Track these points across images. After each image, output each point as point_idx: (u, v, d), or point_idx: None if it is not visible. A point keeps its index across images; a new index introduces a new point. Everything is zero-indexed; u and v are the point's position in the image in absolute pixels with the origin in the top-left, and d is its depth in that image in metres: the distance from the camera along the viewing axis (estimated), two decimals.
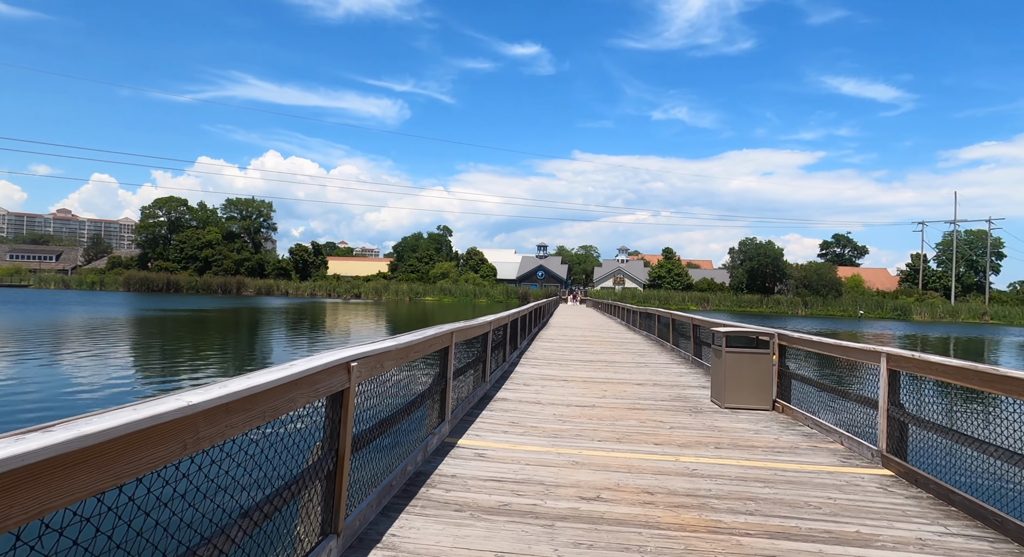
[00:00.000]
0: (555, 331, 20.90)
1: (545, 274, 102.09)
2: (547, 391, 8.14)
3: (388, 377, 3.80)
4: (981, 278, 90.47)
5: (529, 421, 6.18)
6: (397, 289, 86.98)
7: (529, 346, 14.69)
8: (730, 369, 7.29)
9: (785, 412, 6.97)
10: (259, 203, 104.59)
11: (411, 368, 4.52)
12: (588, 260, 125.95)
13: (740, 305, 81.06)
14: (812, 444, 5.57)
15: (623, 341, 17.39)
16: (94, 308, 40.62)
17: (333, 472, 2.81)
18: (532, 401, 7.36)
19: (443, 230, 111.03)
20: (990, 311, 74.46)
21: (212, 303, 56.31)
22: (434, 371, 5.33)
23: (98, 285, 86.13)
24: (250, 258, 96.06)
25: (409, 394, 4.49)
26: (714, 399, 7.66)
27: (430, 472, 4.29)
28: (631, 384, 9.06)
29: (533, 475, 4.33)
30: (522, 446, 5.15)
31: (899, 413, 4.70)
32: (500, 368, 9.62)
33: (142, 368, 15.07)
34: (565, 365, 11.15)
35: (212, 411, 1.73)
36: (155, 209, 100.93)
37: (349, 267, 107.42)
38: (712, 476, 4.45)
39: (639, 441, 5.50)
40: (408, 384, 4.48)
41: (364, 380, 3.18)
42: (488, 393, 7.72)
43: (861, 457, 5.10)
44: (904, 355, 4.57)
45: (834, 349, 5.96)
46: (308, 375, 2.41)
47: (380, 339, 3.71)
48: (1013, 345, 36.75)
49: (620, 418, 6.53)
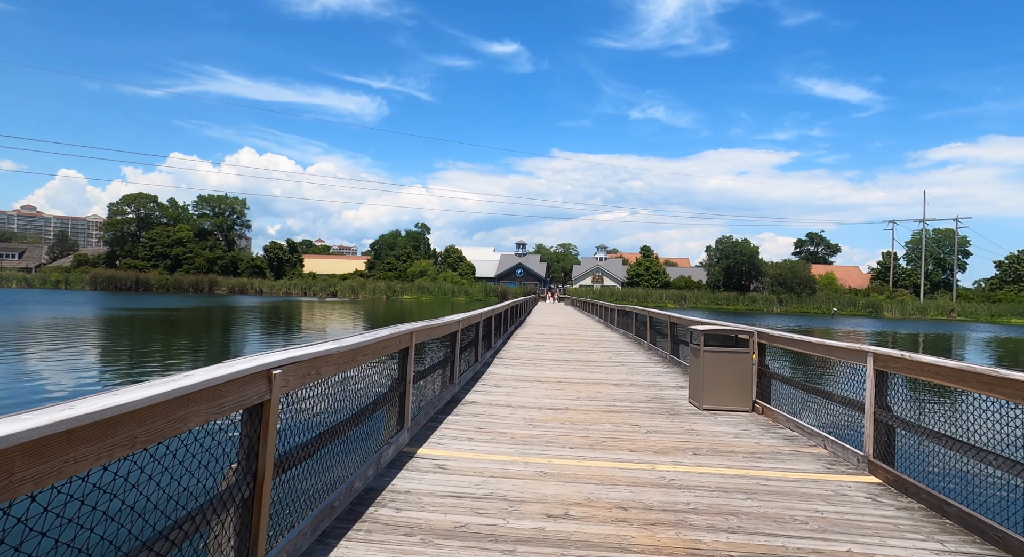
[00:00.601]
0: (532, 329, 20.55)
1: (524, 272, 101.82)
2: (519, 393, 7.76)
3: (330, 384, 3.37)
4: (948, 276, 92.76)
5: (497, 426, 5.79)
6: (374, 287, 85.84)
7: (504, 345, 14.30)
8: (709, 369, 7.00)
9: (765, 414, 6.70)
10: (232, 200, 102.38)
11: (363, 372, 4.09)
12: (567, 258, 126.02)
13: (717, 303, 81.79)
14: (794, 448, 5.28)
15: (600, 339, 17.12)
16: (53, 307, 39.09)
17: (250, 499, 2.38)
18: (503, 404, 6.97)
19: (421, 228, 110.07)
20: (957, 308, 76.29)
21: (181, 302, 54.80)
22: (392, 375, 4.91)
23: (63, 284, 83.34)
24: (223, 256, 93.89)
25: (361, 401, 4.07)
26: (692, 400, 7.37)
27: (382, 488, 3.87)
28: (607, 385, 8.73)
29: (496, 489, 3.94)
30: (487, 455, 4.76)
31: (886, 416, 4.42)
32: (471, 369, 9.22)
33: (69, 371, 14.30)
34: (540, 365, 10.79)
35: (38, 445, 1.30)
36: (123, 206, 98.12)
37: (325, 265, 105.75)
38: (691, 487, 4.11)
39: (613, 448, 5.15)
40: (360, 390, 4.05)
41: (294, 389, 2.75)
42: (456, 395, 7.31)
43: (846, 463, 4.82)
44: (893, 355, 4.29)
45: (817, 348, 5.68)
46: (207, 388, 1.98)
47: (319, 341, 3.28)
48: (979, 341, 37.56)
49: (594, 422, 6.18)
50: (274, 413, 2.46)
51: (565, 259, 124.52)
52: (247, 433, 2.39)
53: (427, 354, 6.66)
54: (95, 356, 16.95)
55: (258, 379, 2.34)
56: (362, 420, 3.93)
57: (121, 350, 18.68)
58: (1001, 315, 72.85)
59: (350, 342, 3.44)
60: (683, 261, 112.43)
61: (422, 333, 5.46)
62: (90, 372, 13.89)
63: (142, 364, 15.39)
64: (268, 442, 2.43)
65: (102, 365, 15.30)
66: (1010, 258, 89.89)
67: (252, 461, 2.40)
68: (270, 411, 2.43)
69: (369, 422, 4.27)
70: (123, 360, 16.32)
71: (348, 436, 3.81)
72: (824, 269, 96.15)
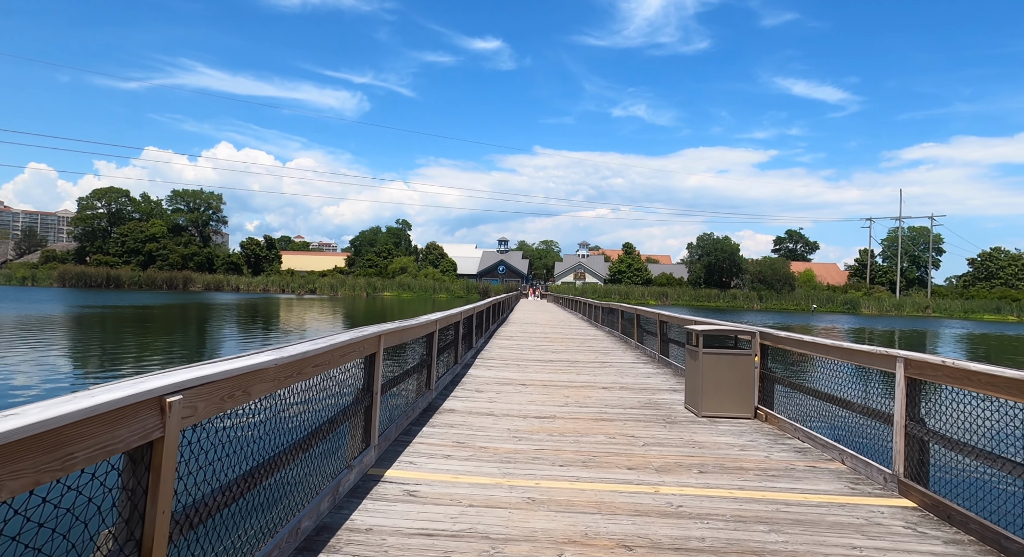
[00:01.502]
0: (515, 327, 19.95)
1: (506, 269, 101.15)
2: (502, 398, 7.15)
3: (269, 404, 2.71)
4: (923, 273, 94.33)
5: (478, 440, 5.17)
6: (354, 284, 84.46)
7: (486, 345, 13.67)
8: (708, 372, 6.45)
9: (769, 421, 6.18)
10: (208, 195, 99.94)
11: (320, 383, 3.43)
12: (549, 255, 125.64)
13: (698, 300, 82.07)
14: (809, 463, 4.75)
15: (585, 338, 16.58)
16: (16, 304, 37.43)
17: None
18: (484, 412, 6.35)
19: (402, 224, 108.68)
20: (932, 305, 77.54)
21: (153, 299, 53.12)
22: (357, 384, 4.25)
23: (29, 280, 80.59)
24: (198, 252, 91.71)
25: (315, 420, 3.41)
26: (689, 406, 6.82)
27: (338, 526, 3.22)
28: (596, 388, 8.16)
29: (476, 523, 3.32)
30: (466, 477, 4.13)
31: (920, 430, 3.89)
32: (450, 371, 8.58)
33: (19, 373, 13.34)
34: (524, 366, 10.18)
35: None
36: (93, 200, 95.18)
37: (304, 262, 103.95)
38: (702, 516, 3.54)
39: (609, 464, 4.57)
40: (312, 405, 3.39)
41: (210, 417, 2.10)
42: (433, 403, 6.66)
43: (871, 481, 4.29)
44: (930, 361, 3.76)
45: (832, 351, 5.14)
46: (42, 433, 1.32)
47: (255, 352, 2.62)
48: (953, 337, 37.95)
49: (585, 432, 5.59)
50: (169, 455, 1.80)
51: (547, 256, 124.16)
52: (128, 486, 1.73)
53: (400, 358, 6.00)
54: (54, 358, 15.93)
55: (142, 412, 1.68)
56: (314, 444, 3.27)
57: (85, 350, 17.63)
58: (974, 311, 74.22)
59: (294, 351, 2.78)
60: (664, 258, 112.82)
61: (393, 336, 4.80)
62: (45, 375, 12.93)
63: (111, 365, 14.45)
64: (160, 492, 1.77)
65: (59, 367, 14.32)
66: (983, 255, 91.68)
67: (137, 521, 1.73)
68: (163, 451, 1.77)
69: (330, 440, 3.62)
70: (83, 361, 15.34)
71: (298, 462, 3.16)
72: (803, 266, 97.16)
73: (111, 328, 25.72)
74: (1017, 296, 78.47)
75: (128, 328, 26.16)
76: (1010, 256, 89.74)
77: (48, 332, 22.17)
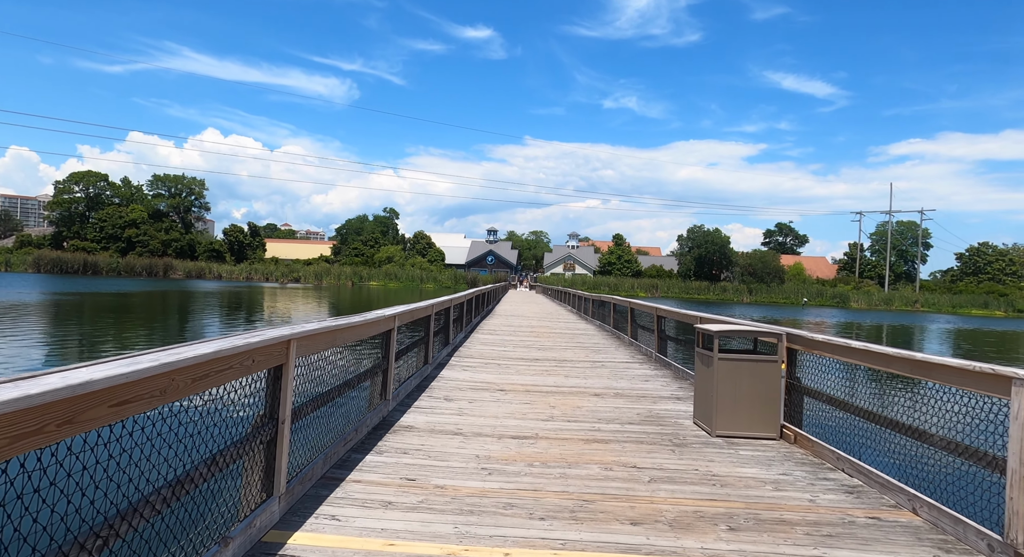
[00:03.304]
0: (500, 320, 18.77)
1: (495, 259, 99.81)
2: (475, 410, 5.95)
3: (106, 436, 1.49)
4: (910, 267, 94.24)
5: (435, 475, 3.96)
6: (340, 273, 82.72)
7: (467, 339, 12.47)
8: (724, 382, 5.29)
9: (800, 443, 5.04)
10: (190, 180, 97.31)
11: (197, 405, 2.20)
12: (539, 246, 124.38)
13: (688, 292, 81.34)
14: (870, 513, 3.59)
15: (575, 333, 15.42)
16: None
17: None
18: (451, 430, 5.15)
19: (390, 212, 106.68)
20: (921, 299, 77.36)
21: (132, 286, 51.27)
22: (257, 409, 3.02)
23: (3, 266, 77.98)
24: (180, 239, 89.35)
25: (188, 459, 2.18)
26: (699, 421, 5.67)
27: None
28: (587, 395, 6.99)
29: None
30: (404, 545, 2.92)
31: None
32: (418, 373, 7.36)
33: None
34: (505, 367, 9.00)
35: None
36: (71, 184, 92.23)
37: (290, 250, 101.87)
38: None
39: (606, 516, 3.39)
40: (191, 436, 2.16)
41: None
42: (389, 417, 5.44)
43: (966, 545, 3.14)
44: None
45: (893, 362, 3.97)
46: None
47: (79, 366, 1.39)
48: (942, 332, 37.38)
49: (575, 461, 4.41)
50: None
51: (537, 247, 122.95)
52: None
53: (342, 365, 4.74)
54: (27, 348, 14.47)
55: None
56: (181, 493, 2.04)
57: (63, 337, 16.19)
58: (962, 306, 74.19)
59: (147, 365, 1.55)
60: (654, 250, 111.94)
61: (317, 339, 3.54)
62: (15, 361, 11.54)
63: (88, 351, 13.07)
64: None
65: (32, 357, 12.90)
66: (970, 250, 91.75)
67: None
68: None
69: (202, 492, 2.41)
70: (61, 354, 13.93)
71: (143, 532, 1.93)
72: (792, 259, 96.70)
73: (88, 316, 24.20)
74: (1004, 291, 78.55)
75: (106, 316, 24.66)
76: (997, 251, 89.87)
77: (22, 320, 20.63)
